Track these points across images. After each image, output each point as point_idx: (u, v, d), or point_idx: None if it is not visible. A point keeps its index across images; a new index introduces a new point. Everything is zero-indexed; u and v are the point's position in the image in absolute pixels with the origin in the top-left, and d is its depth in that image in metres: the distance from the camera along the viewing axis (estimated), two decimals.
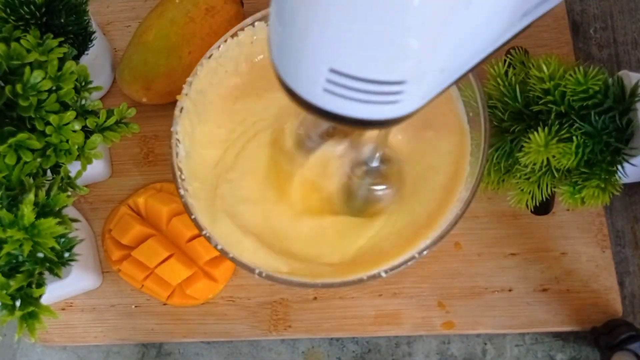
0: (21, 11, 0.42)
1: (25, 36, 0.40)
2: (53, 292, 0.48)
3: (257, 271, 0.38)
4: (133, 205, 0.51)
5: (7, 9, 0.42)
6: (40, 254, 0.36)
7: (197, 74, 0.44)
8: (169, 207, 0.49)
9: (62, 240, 0.38)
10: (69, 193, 0.41)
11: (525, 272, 0.47)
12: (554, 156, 0.39)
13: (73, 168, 0.42)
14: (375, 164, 0.39)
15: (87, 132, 0.42)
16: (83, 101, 0.42)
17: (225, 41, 0.45)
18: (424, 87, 0.25)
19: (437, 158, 0.42)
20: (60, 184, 0.40)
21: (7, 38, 0.41)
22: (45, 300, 0.37)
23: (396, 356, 0.48)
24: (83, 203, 0.54)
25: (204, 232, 0.39)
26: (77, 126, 0.40)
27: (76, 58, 0.48)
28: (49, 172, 0.42)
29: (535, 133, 0.39)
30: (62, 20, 0.45)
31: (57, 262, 0.37)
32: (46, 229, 0.35)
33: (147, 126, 0.55)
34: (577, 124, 0.39)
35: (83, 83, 0.42)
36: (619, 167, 0.39)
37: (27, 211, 0.34)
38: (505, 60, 0.44)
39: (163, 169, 0.54)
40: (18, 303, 0.36)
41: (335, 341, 0.49)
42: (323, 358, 0.49)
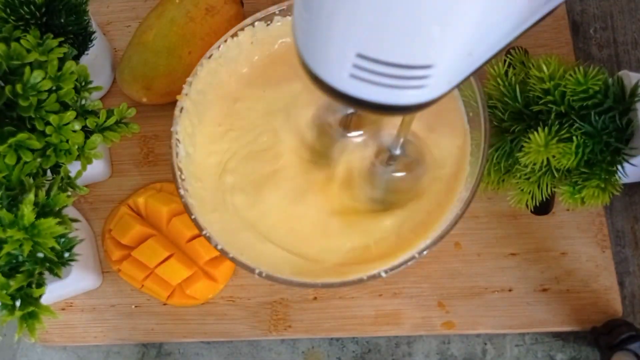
0: (21, 11, 0.42)
1: (25, 36, 0.40)
2: (53, 292, 0.48)
3: (257, 271, 0.38)
4: (133, 205, 0.51)
5: (7, 9, 0.42)
6: (40, 254, 0.36)
7: (197, 74, 0.44)
8: (169, 207, 0.49)
9: (62, 240, 0.38)
10: (69, 193, 0.41)
11: (525, 272, 0.47)
12: (554, 156, 0.39)
13: (73, 168, 0.42)
14: (398, 151, 0.39)
15: (87, 132, 0.42)
16: (83, 101, 0.42)
17: (225, 41, 0.45)
18: (451, 72, 0.25)
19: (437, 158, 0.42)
20: (60, 184, 0.40)
21: (7, 38, 0.41)
22: (45, 300, 0.37)
23: (396, 356, 0.48)
24: (83, 203, 0.54)
25: (204, 232, 0.39)
26: (77, 126, 0.40)
27: (76, 58, 0.48)
28: (49, 172, 0.42)
29: (535, 133, 0.39)
30: (62, 20, 0.45)
31: (57, 262, 0.37)
32: (46, 229, 0.35)
33: (147, 126, 0.55)
34: (577, 124, 0.39)
35: (83, 83, 0.42)
36: (619, 167, 0.39)
37: (27, 211, 0.34)
38: (505, 60, 0.44)
39: (163, 169, 0.54)
40: (18, 303, 0.36)
41: (335, 341, 0.49)
42: (323, 358, 0.49)
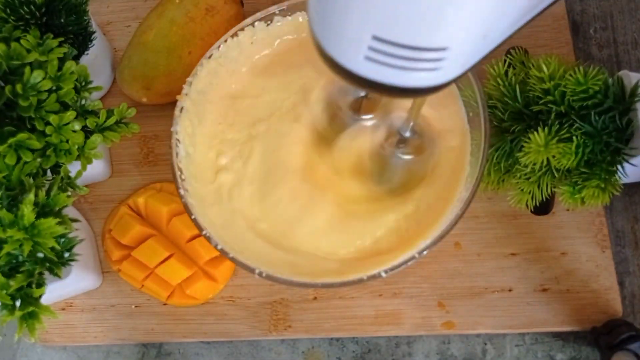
0: (21, 11, 0.42)
1: (25, 36, 0.40)
2: (53, 292, 0.48)
3: (257, 271, 0.38)
4: (133, 205, 0.51)
5: (7, 9, 0.42)
6: (40, 254, 0.36)
7: (197, 74, 0.44)
8: (169, 207, 0.49)
9: (62, 240, 0.38)
10: (69, 193, 0.41)
11: (525, 272, 0.47)
12: (554, 156, 0.39)
13: (73, 168, 0.42)
14: (408, 134, 0.39)
15: (87, 132, 0.42)
16: (83, 101, 0.42)
17: (225, 41, 0.45)
18: (465, 54, 0.25)
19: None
20: (60, 184, 0.40)
21: (7, 38, 0.41)
22: (45, 300, 0.37)
23: (396, 356, 0.48)
24: (83, 203, 0.54)
25: (204, 232, 0.39)
26: (77, 126, 0.40)
27: (76, 58, 0.48)
28: (49, 172, 0.42)
29: (535, 133, 0.39)
30: (62, 20, 0.45)
31: (57, 262, 0.37)
32: (46, 229, 0.35)
33: (147, 126, 0.55)
34: (577, 124, 0.39)
35: (83, 83, 0.42)
36: (619, 167, 0.39)
37: (27, 211, 0.34)
38: (505, 60, 0.44)
39: (163, 169, 0.54)
40: (18, 303, 0.36)
41: (335, 341, 0.49)
42: (323, 358, 0.49)
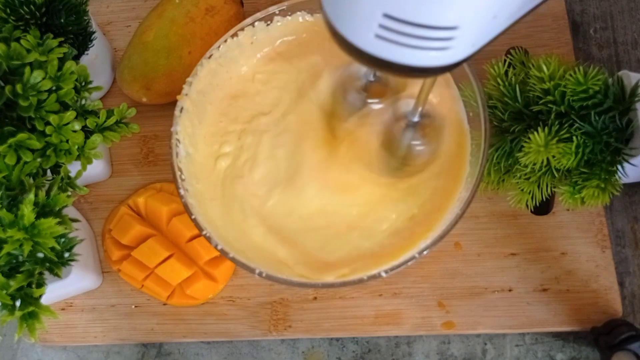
0: (21, 11, 0.42)
1: (25, 36, 0.40)
2: (53, 292, 0.48)
3: (257, 271, 0.38)
4: (133, 205, 0.51)
5: (7, 9, 0.42)
6: (40, 254, 0.36)
7: (197, 74, 0.44)
8: (169, 207, 0.49)
9: (62, 240, 0.38)
10: (69, 193, 0.41)
11: (525, 272, 0.47)
12: (554, 156, 0.39)
13: (73, 168, 0.42)
14: (416, 119, 0.39)
15: (87, 132, 0.42)
16: (83, 101, 0.42)
17: (225, 41, 0.45)
18: (475, 34, 0.25)
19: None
20: (60, 184, 0.40)
21: (7, 38, 0.41)
22: (45, 300, 0.37)
23: (396, 356, 0.48)
24: (83, 203, 0.54)
25: (204, 232, 0.39)
26: (77, 126, 0.40)
27: (76, 58, 0.48)
28: (49, 172, 0.42)
29: (535, 133, 0.39)
30: (62, 20, 0.45)
31: (57, 262, 0.37)
32: (46, 229, 0.35)
33: (147, 126, 0.55)
34: (577, 124, 0.39)
35: (83, 83, 0.42)
36: (619, 167, 0.39)
37: (27, 211, 0.34)
38: (505, 60, 0.44)
39: (163, 169, 0.54)
40: (18, 303, 0.36)
41: (335, 341, 0.49)
42: (323, 358, 0.49)
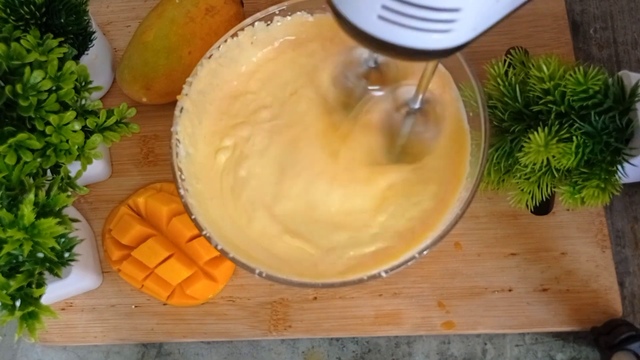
0: (21, 11, 0.42)
1: (25, 36, 0.40)
2: (53, 292, 0.48)
3: (257, 271, 0.38)
4: (133, 205, 0.51)
5: (7, 9, 0.42)
6: (40, 254, 0.36)
7: (197, 74, 0.44)
8: (169, 207, 0.49)
9: (62, 240, 0.38)
10: (69, 193, 0.41)
11: (525, 272, 0.47)
12: (554, 156, 0.39)
13: (73, 168, 0.42)
14: (417, 106, 0.39)
15: (87, 132, 0.42)
16: (83, 101, 0.42)
17: (225, 41, 0.45)
18: (477, 17, 0.25)
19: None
20: (60, 184, 0.40)
21: (7, 38, 0.41)
22: (45, 300, 0.37)
23: (396, 356, 0.48)
24: (83, 203, 0.54)
25: (204, 232, 0.39)
26: (77, 126, 0.40)
27: (76, 58, 0.48)
28: (49, 172, 0.42)
29: (535, 133, 0.39)
30: (62, 20, 0.45)
31: (57, 262, 0.37)
32: (46, 229, 0.35)
33: (147, 126, 0.55)
34: (577, 124, 0.39)
35: (83, 83, 0.42)
36: (619, 167, 0.39)
37: (27, 211, 0.34)
38: (505, 60, 0.44)
39: (163, 169, 0.54)
40: (18, 303, 0.36)
41: (335, 341, 0.49)
42: (323, 358, 0.49)
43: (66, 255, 0.38)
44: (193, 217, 0.40)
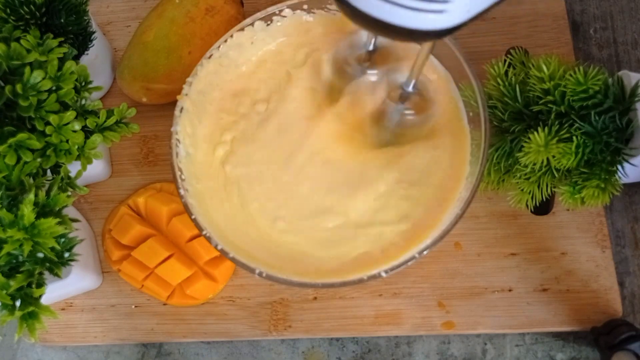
0: (21, 11, 0.42)
1: (25, 36, 0.40)
2: (53, 292, 0.48)
3: (257, 271, 0.38)
4: (133, 205, 0.51)
5: (7, 9, 0.42)
6: (40, 254, 0.36)
7: (197, 74, 0.44)
8: (169, 207, 0.49)
9: (62, 240, 0.38)
10: (69, 193, 0.41)
11: (525, 272, 0.47)
12: (554, 156, 0.39)
13: (73, 168, 0.42)
14: (410, 89, 0.39)
15: (87, 132, 0.42)
16: (83, 101, 0.42)
17: (225, 41, 0.45)
18: None
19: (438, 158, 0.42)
20: (60, 184, 0.40)
21: (7, 38, 0.41)
22: (45, 300, 0.37)
23: (396, 356, 0.48)
24: (83, 203, 0.54)
25: (204, 232, 0.39)
26: (77, 126, 0.40)
27: (76, 58, 0.48)
28: (49, 172, 0.42)
29: (535, 133, 0.39)
30: (62, 20, 0.45)
31: (57, 262, 0.37)
32: (46, 229, 0.35)
33: (147, 126, 0.55)
34: (577, 124, 0.39)
35: (83, 83, 0.42)
36: (619, 167, 0.39)
37: (27, 211, 0.34)
38: (505, 60, 0.44)
39: (163, 169, 0.54)
40: (18, 303, 0.36)
41: (335, 341, 0.49)
42: (323, 358, 0.49)
43: (66, 255, 0.38)
44: (193, 217, 0.40)
